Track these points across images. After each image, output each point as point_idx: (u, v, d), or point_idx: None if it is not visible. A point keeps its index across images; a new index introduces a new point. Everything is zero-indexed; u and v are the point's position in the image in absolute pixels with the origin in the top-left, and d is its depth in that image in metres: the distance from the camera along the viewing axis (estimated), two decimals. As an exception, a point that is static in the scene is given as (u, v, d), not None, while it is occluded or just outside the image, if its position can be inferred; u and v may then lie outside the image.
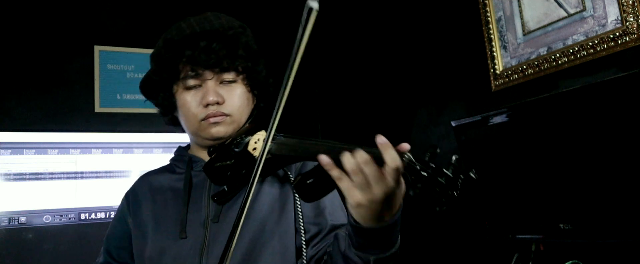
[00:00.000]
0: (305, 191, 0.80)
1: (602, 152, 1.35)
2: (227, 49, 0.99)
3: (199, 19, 1.04)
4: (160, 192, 1.07)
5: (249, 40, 1.04)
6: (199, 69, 0.98)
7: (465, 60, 2.01)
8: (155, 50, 1.07)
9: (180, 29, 1.02)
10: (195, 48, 0.97)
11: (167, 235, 1.00)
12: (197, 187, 1.04)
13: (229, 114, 1.01)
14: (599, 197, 1.36)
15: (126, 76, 2.38)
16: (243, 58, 1.01)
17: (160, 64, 1.03)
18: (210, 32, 1.00)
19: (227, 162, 0.95)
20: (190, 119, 1.02)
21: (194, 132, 1.05)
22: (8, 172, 2.02)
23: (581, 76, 1.55)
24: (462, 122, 1.76)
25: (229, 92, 1.02)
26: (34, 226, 2.00)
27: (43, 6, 2.27)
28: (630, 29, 1.40)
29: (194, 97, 1.01)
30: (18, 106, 2.17)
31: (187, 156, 1.09)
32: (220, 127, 1.01)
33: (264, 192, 1.01)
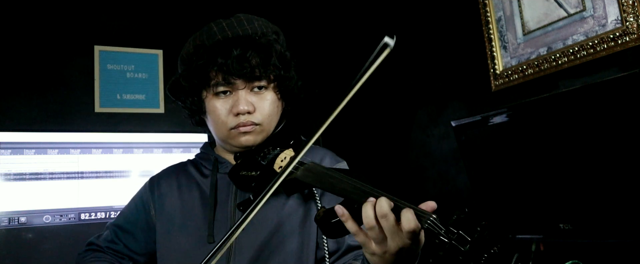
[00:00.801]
0: (327, 228, 0.78)
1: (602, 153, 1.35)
2: (260, 57, 0.97)
3: (231, 22, 1.01)
4: (188, 189, 1.06)
5: (282, 47, 1.02)
6: (231, 78, 0.96)
7: (465, 60, 2.01)
8: (184, 53, 1.05)
9: (212, 33, 1.00)
10: (228, 56, 0.95)
11: (194, 237, 0.99)
12: (222, 191, 1.03)
13: (259, 124, 1.00)
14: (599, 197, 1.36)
15: (126, 76, 2.38)
16: (276, 67, 0.99)
17: (191, 70, 1.00)
18: (243, 39, 0.97)
19: (252, 173, 0.94)
20: (219, 126, 1.01)
21: (223, 139, 1.04)
22: (8, 172, 2.02)
23: (581, 76, 1.55)
24: (462, 122, 1.76)
25: (259, 100, 1.00)
26: (34, 226, 2.00)
27: (43, 6, 2.27)
28: (630, 29, 1.40)
29: (224, 105, 0.99)
30: (18, 106, 2.17)
31: (213, 156, 1.09)
32: (250, 137, 1.00)
33: (288, 203, 1.00)
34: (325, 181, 0.82)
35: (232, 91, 0.99)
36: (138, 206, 1.10)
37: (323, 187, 0.83)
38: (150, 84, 2.41)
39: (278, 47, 1.00)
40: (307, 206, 1.01)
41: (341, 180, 0.79)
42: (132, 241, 1.09)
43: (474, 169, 1.78)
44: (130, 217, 1.10)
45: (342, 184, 0.78)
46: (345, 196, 0.77)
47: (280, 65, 1.00)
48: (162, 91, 2.43)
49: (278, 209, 0.99)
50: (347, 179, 0.79)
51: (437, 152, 2.15)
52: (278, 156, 0.94)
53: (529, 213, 1.54)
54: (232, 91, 0.99)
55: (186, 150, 2.29)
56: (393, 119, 2.44)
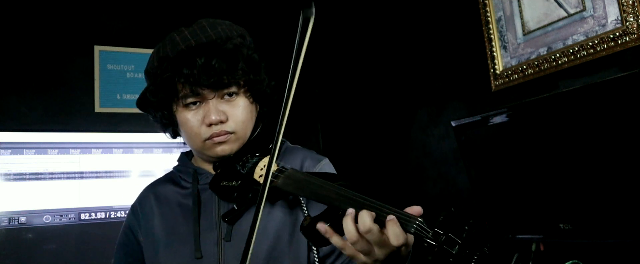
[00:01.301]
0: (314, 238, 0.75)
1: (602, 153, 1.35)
2: (227, 63, 0.93)
3: (193, 30, 0.97)
4: (168, 206, 1.03)
5: (250, 50, 0.99)
6: (199, 88, 0.92)
7: (465, 60, 2.01)
8: (148, 67, 1.02)
9: (174, 43, 0.96)
10: (193, 66, 0.91)
11: (180, 254, 0.97)
12: (206, 204, 1.00)
13: (233, 132, 0.97)
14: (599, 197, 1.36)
15: (126, 76, 2.38)
16: (244, 71, 0.95)
17: (157, 84, 0.97)
18: (207, 46, 0.93)
19: (233, 182, 0.92)
20: (193, 138, 0.98)
21: (199, 150, 1.01)
22: (8, 172, 2.02)
23: (581, 76, 1.55)
24: (462, 122, 1.76)
25: (231, 108, 0.97)
26: (34, 226, 2.00)
27: (43, 6, 2.27)
28: (630, 29, 1.40)
29: (195, 116, 0.96)
30: (18, 106, 2.17)
31: (192, 168, 1.06)
32: (226, 146, 0.97)
33: (275, 212, 0.98)
34: (306, 189, 0.80)
35: (202, 101, 0.95)
36: (128, 236, 1.08)
37: (305, 195, 0.81)
38: (150, 84, 2.41)
39: (245, 51, 0.96)
40: (294, 213, 0.98)
41: (322, 187, 0.77)
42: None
43: (474, 169, 1.78)
44: (126, 249, 1.08)
45: (323, 191, 0.77)
46: (329, 203, 0.75)
47: (249, 69, 0.96)
48: (162, 91, 2.44)
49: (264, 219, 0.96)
50: (329, 186, 0.77)
51: (437, 152, 2.15)
52: (257, 165, 0.92)
53: (529, 213, 1.54)
54: (202, 101, 0.95)
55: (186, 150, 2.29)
56: (393, 119, 2.44)
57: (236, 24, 1.03)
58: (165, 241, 0.99)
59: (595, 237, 1.36)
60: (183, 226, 0.99)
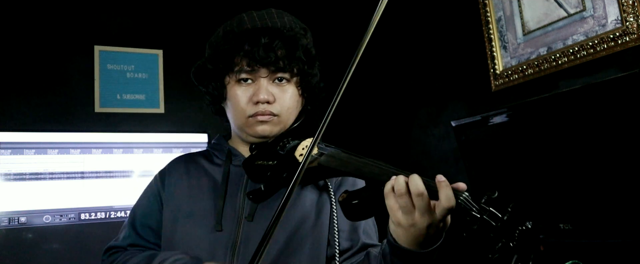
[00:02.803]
0: (350, 210, 0.79)
1: (602, 153, 1.35)
2: (286, 49, 0.98)
3: (262, 14, 1.02)
4: (196, 178, 1.05)
5: (309, 43, 1.04)
6: (255, 65, 0.97)
7: (465, 60, 2.01)
8: (213, 39, 1.06)
9: (242, 21, 1.01)
10: (255, 44, 0.96)
11: (200, 225, 0.98)
12: (233, 182, 1.02)
13: (277, 114, 1.00)
14: (599, 197, 1.36)
15: (126, 76, 2.38)
16: (300, 60, 1.00)
17: (217, 54, 1.01)
18: (272, 30, 0.99)
19: (269, 162, 0.94)
20: (238, 113, 1.01)
21: (240, 127, 1.04)
22: (8, 172, 2.01)
23: (581, 76, 1.55)
24: (462, 122, 1.76)
25: (280, 92, 1.00)
26: (34, 226, 2.00)
27: (43, 6, 2.27)
28: (630, 29, 1.40)
29: (245, 93, 1.00)
30: (18, 106, 2.17)
31: (226, 148, 1.08)
32: (267, 126, 1.00)
33: (302, 198, 0.99)
34: (350, 165, 0.82)
35: (255, 79, 0.99)
36: (150, 199, 1.08)
37: (348, 171, 0.83)
38: (150, 84, 2.41)
39: (305, 42, 1.01)
40: (321, 200, 1.00)
41: (367, 163, 0.80)
42: (153, 235, 1.06)
43: (474, 169, 1.78)
44: (146, 210, 1.08)
45: (368, 167, 0.79)
46: (372, 178, 0.78)
47: (305, 60, 1.01)
48: (162, 91, 2.43)
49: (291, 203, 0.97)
50: (372, 162, 0.80)
51: (437, 152, 2.15)
52: (299, 145, 0.94)
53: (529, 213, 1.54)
54: (254, 80, 0.99)
55: (186, 150, 2.29)
56: (393, 118, 2.44)
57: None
58: (188, 210, 1.00)
59: (595, 237, 1.36)
60: (208, 200, 1.01)
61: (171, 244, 1.00)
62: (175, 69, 2.47)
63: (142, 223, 1.07)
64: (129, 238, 1.07)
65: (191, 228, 0.98)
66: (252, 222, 0.96)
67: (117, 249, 1.08)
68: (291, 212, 0.97)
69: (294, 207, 0.98)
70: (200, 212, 1.00)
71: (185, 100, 2.47)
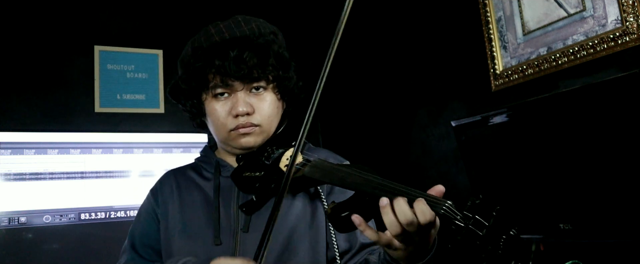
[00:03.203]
0: (339, 223, 0.77)
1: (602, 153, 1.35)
2: (258, 58, 0.96)
3: (228, 24, 1.01)
4: (188, 193, 1.05)
5: (281, 47, 1.02)
6: (229, 79, 0.96)
7: (465, 60, 2.01)
8: (183, 56, 1.05)
9: (209, 35, 1.00)
10: (225, 58, 0.94)
11: (197, 240, 0.98)
12: (225, 194, 1.02)
13: (258, 125, 0.99)
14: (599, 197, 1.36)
15: (126, 76, 2.38)
16: (273, 67, 0.99)
17: (189, 73, 1.00)
18: (240, 40, 0.97)
19: (256, 173, 0.94)
20: (219, 128, 1.01)
21: (223, 141, 1.04)
22: (8, 172, 2.02)
23: (581, 76, 1.55)
24: (462, 122, 1.76)
25: (259, 101, 1.00)
26: (34, 226, 2.00)
27: (43, 6, 2.27)
28: (630, 29, 1.40)
29: (223, 107, 0.99)
30: (18, 106, 2.17)
31: (214, 159, 1.08)
32: (250, 138, 0.99)
33: (294, 206, 1.00)
34: (334, 176, 0.82)
35: (231, 92, 0.98)
36: (146, 218, 1.08)
37: (332, 182, 0.82)
38: (150, 84, 2.41)
39: (276, 48, 0.99)
40: (314, 205, 1.00)
41: (351, 174, 0.79)
42: (154, 254, 1.07)
43: (474, 169, 1.78)
44: (144, 230, 1.08)
45: (351, 177, 0.79)
46: (356, 189, 0.77)
47: (278, 65, 1.00)
48: (162, 91, 2.43)
49: (284, 211, 0.98)
50: (356, 172, 0.79)
51: (437, 152, 2.15)
52: (283, 155, 0.94)
53: (529, 213, 1.54)
54: (230, 93, 0.99)
55: (186, 150, 2.29)
56: (393, 118, 2.44)
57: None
58: (182, 227, 1.01)
59: (595, 237, 1.36)
60: (201, 215, 1.01)
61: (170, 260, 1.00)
62: (175, 69, 2.46)
63: (142, 243, 1.07)
64: (132, 261, 1.07)
65: (188, 244, 0.99)
66: (248, 233, 0.97)
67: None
68: (284, 221, 0.97)
69: (287, 216, 0.98)
70: (195, 227, 1.00)
71: (185, 100, 2.47)
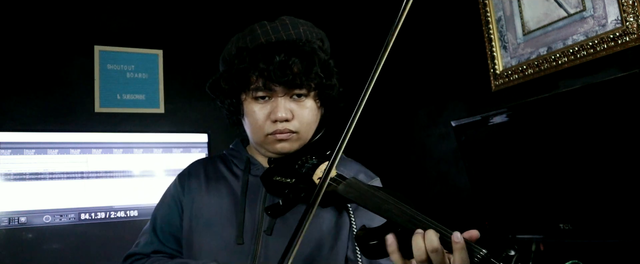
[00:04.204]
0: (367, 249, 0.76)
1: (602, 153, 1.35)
2: (303, 65, 0.94)
3: (275, 26, 0.98)
4: (215, 187, 1.04)
5: (326, 54, 1.00)
6: (272, 84, 0.93)
7: (465, 60, 2.01)
8: (225, 54, 1.03)
9: (255, 35, 0.97)
10: (270, 62, 0.92)
11: (220, 236, 0.97)
12: (252, 193, 1.01)
13: (296, 131, 0.98)
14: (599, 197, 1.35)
15: (126, 76, 2.38)
16: (318, 75, 0.96)
17: (231, 72, 0.98)
18: (287, 44, 0.94)
19: (288, 180, 0.92)
20: (256, 131, 0.99)
21: (258, 143, 1.02)
22: (8, 172, 2.02)
23: (581, 76, 1.55)
24: (462, 122, 1.76)
25: (299, 108, 0.98)
26: (34, 226, 2.00)
27: (43, 6, 2.27)
28: (630, 29, 1.40)
29: (262, 110, 0.97)
30: (18, 106, 2.17)
31: (245, 156, 1.07)
32: (286, 144, 0.98)
33: (322, 217, 0.98)
34: (369, 200, 0.80)
35: (271, 96, 0.96)
36: (170, 204, 1.06)
37: (366, 205, 0.80)
38: (150, 84, 2.41)
39: (322, 55, 0.98)
40: (341, 221, 0.98)
41: (387, 201, 0.77)
42: (174, 242, 1.05)
43: (474, 169, 1.78)
44: (166, 216, 1.06)
45: (387, 205, 0.77)
46: (389, 218, 0.75)
47: (323, 73, 0.98)
48: (162, 91, 2.43)
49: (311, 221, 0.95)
50: (393, 201, 0.77)
51: (437, 152, 2.15)
52: (318, 167, 0.92)
53: (529, 213, 1.54)
54: (271, 97, 0.97)
55: (186, 150, 2.29)
56: (393, 118, 2.44)
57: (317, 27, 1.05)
58: (206, 220, 1.00)
59: (595, 237, 1.36)
60: (227, 211, 1.00)
61: (191, 252, 0.99)
62: (175, 69, 2.47)
63: (162, 228, 1.05)
64: (152, 244, 1.05)
65: (211, 239, 0.98)
66: (271, 236, 0.96)
67: (140, 256, 1.05)
68: (310, 232, 0.95)
69: (314, 227, 0.96)
70: (219, 222, 0.99)
71: (185, 100, 2.47)
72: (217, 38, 2.59)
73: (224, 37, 2.91)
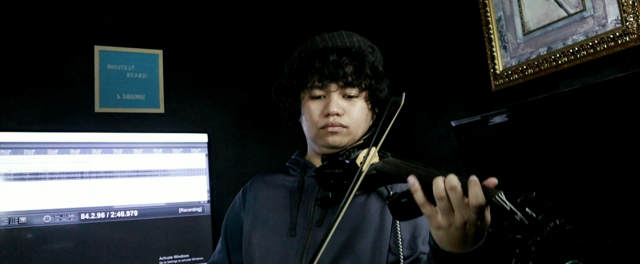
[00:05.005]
0: (397, 209, 0.83)
1: (602, 153, 1.35)
2: (353, 65, 1.07)
3: (333, 35, 1.13)
4: (273, 189, 1.16)
5: (376, 60, 1.12)
6: (325, 80, 1.06)
7: (465, 60, 2.01)
8: (290, 59, 1.16)
9: (315, 42, 1.13)
10: (325, 61, 1.06)
11: (276, 231, 1.07)
12: (307, 191, 1.11)
13: (346, 126, 1.08)
14: (599, 197, 1.36)
15: (126, 76, 2.38)
16: (368, 76, 1.09)
17: (292, 72, 1.12)
18: (341, 48, 1.08)
19: (336, 170, 1.01)
20: (311, 125, 1.10)
21: (313, 138, 1.12)
22: (8, 172, 2.01)
23: (581, 76, 1.55)
24: (462, 122, 1.76)
25: (350, 106, 1.09)
26: (34, 226, 2.00)
27: (43, 6, 2.27)
28: (630, 29, 1.40)
29: (317, 107, 1.09)
30: (18, 106, 2.17)
31: (302, 161, 1.18)
32: (337, 137, 1.08)
33: (368, 205, 1.06)
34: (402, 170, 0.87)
35: (327, 95, 1.08)
36: (233, 217, 1.21)
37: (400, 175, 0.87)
38: (150, 84, 2.41)
39: (371, 59, 1.10)
40: (386, 210, 1.05)
41: (417, 167, 0.85)
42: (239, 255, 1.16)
43: (474, 169, 1.78)
44: (230, 230, 1.21)
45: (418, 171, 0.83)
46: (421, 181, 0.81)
47: (372, 75, 1.10)
48: (162, 91, 2.43)
49: (356, 209, 1.05)
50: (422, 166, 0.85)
51: (437, 152, 2.15)
52: (360, 154, 1.00)
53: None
54: (326, 96, 1.08)
55: (186, 150, 2.29)
56: (393, 119, 2.44)
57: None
58: (265, 217, 1.11)
59: (595, 237, 1.36)
60: (283, 208, 1.11)
61: (249, 249, 1.10)
62: (175, 69, 2.47)
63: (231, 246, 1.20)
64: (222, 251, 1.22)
65: (267, 233, 1.08)
66: (321, 227, 1.03)
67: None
68: (353, 218, 1.03)
69: (357, 214, 1.04)
70: (276, 219, 1.09)
71: (185, 100, 2.47)
72: (217, 38, 2.59)
73: (224, 37, 2.92)
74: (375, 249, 1.01)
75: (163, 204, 2.18)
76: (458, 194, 0.73)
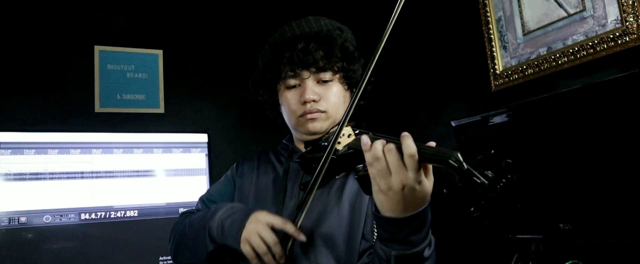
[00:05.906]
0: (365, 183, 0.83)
1: (602, 153, 1.35)
2: (323, 50, 1.08)
3: (300, 22, 1.14)
4: (264, 173, 1.20)
5: (346, 41, 1.12)
6: (297, 68, 1.07)
7: (465, 60, 2.01)
8: (263, 52, 1.18)
9: (283, 32, 1.13)
10: (294, 49, 1.07)
11: None
12: (292, 176, 1.14)
13: (324, 111, 1.10)
14: (599, 197, 1.36)
15: (126, 76, 2.38)
16: (339, 58, 1.09)
17: (264, 65, 1.14)
18: (308, 35, 1.09)
19: (316, 154, 1.02)
20: (290, 114, 1.13)
21: (294, 127, 1.15)
22: (8, 172, 2.01)
23: (581, 76, 1.55)
24: (462, 122, 1.76)
25: (325, 91, 1.10)
26: (34, 226, 2.00)
27: (43, 6, 2.27)
28: (630, 29, 1.40)
29: (294, 96, 1.11)
30: (18, 106, 2.17)
31: (290, 147, 1.21)
32: (317, 123, 1.10)
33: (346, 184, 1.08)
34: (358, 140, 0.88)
35: (301, 83, 1.10)
36: (225, 182, 1.25)
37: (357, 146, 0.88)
38: (150, 84, 2.41)
39: (340, 41, 1.10)
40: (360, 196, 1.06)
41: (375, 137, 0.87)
42: None
43: (474, 169, 1.78)
44: (221, 190, 1.24)
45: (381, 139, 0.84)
46: None
47: (343, 56, 1.10)
48: (162, 91, 2.43)
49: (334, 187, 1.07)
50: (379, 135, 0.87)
51: (437, 152, 2.14)
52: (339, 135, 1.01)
53: (529, 213, 1.54)
54: (301, 84, 1.10)
55: (186, 150, 2.29)
56: (393, 118, 2.44)
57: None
58: (253, 201, 1.15)
59: (595, 237, 1.36)
60: (271, 192, 1.14)
61: None
62: (175, 69, 2.47)
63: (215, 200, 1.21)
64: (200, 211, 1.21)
65: None
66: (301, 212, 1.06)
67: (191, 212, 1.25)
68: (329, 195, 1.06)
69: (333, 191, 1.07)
70: (264, 201, 1.13)
71: (185, 100, 2.47)
72: (217, 38, 2.59)
73: (224, 37, 2.92)
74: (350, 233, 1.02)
75: (163, 204, 2.18)
76: (394, 156, 0.75)
